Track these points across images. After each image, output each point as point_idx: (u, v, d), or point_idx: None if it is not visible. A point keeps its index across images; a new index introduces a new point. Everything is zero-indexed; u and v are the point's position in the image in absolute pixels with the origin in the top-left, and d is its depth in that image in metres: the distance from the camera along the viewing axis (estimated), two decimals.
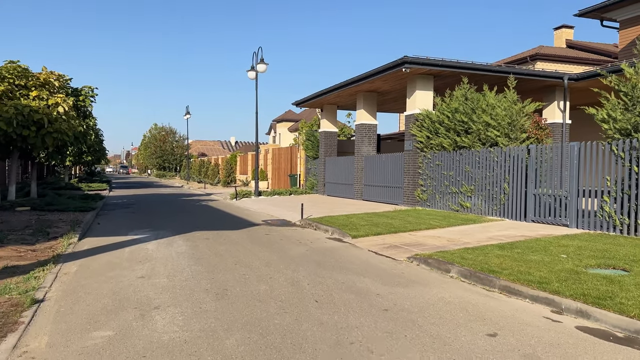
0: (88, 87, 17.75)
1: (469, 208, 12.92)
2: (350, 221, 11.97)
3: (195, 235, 10.40)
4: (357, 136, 18.97)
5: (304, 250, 8.64)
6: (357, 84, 16.91)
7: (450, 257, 7.47)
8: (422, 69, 14.13)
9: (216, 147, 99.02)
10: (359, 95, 18.78)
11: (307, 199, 20.19)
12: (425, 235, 9.97)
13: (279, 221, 13.29)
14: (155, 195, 25.52)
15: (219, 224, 12.46)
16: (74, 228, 10.53)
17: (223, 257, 7.91)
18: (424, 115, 14.61)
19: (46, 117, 12.60)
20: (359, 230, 10.54)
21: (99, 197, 19.01)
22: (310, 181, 23.93)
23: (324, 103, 21.95)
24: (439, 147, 14.11)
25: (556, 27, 34.60)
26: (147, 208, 17.21)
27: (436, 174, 14.28)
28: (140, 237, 10.09)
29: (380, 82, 16.52)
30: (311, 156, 23.81)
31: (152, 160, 64.70)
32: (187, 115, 43.62)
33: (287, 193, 22.77)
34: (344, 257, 8.07)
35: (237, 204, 19.46)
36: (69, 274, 6.63)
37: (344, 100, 20.90)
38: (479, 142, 12.61)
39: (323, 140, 22.31)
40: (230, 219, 13.75)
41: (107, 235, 10.26)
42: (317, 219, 12.72)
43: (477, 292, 5.94)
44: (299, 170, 25.83)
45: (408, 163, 15.39)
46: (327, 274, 6.72)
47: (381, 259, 7.90)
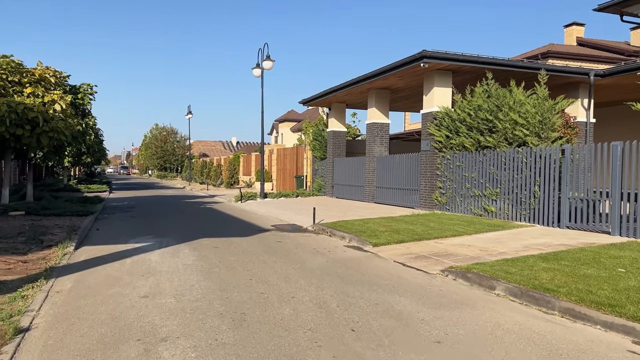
0: (87, 84, 16.92)
1: (494, 213, 12.08)
2: (367, 227, 11.13)
3: (203, 243, 9.56)
4: (368, 136, 18.13)
5: (323, 261, 7.81)
6: (370, 80, 16.07)
7: (491, 270, 6.64)
8: (441, 64, 13.30)
9: (217, 147, 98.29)
10: (371, 92, 17.94)
11: (316, 202, 19.34)
12: (454, 244, 9.13)
13: (289, 226, 12.46)
14: (157, 197, 24.69)
15: (227, 230, 11.63)
16: (70, 235, 9.71)
17: (235, 270, 7.07)
18: (443, 113, 13.77)
19: (41, 115, 11.77)
20: (379, 238, 9.71)
21: (98, 200, 18.18)
22: (318, 183, 23.09)
23: (332, 101, 21.11)
24: (460, 147, 13.27)
25: (566, 25, 33.73)
26: (149, 211, 16.38)
27: (456, 175, 13.44)
28: (142, 245, 9.26)
29: (395, 79, 15.69)
30: (318, 157, 22.97)
31: (153, 161, 63.85)
32: (189, 114, 42.80)
33: (294, 195, 21.93)
34: (369, 270, 7.23)
35: (243, 206, 18.63)
36: (62, 293, 5.80)
37: (354, 99, 20.06)
38: (505, 142, 11.76)
39: (331, 140, 21.47)
40: (237, 224, 12.91)
41: (106, 244, 9.42)
42: (331, 224, 11.89)
43: (535, 316, 5.10)
44: (306, 172, 24.99)
45: (425, 164, 14.55)
46: (356, 292, 5.88)
47: (412, 273, 7.06)
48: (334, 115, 21.48)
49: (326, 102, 21.46)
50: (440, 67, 13.78)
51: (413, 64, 13.42)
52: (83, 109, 17.03)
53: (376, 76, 15.58)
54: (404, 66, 13.85)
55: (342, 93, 18.76)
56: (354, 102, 20.88)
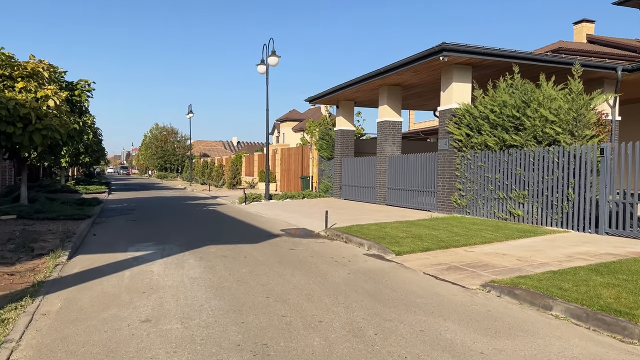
0: (84, 80, 16.07)
1: (521, 217, 11.23)
2: (385, 232, 10.30)
3: (209, 250, 8.72)
4: (380, 135, 17.29)
5: (345, 274, 6.97)
6: (383, 76, 15.22)
7: (541, 286, 5.80)
8: (461, 57, 12.46)
9: (218, 147, 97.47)
10: (382, 89, 17.09)
11: (324, 204, 18.50)
12: (486, 252, 8.29)
13: (300, 231, 11.62)
14: (158, 198, 23.84)
15: (234, 235, 10.79)
16: (64, 242, 8.86)
17: (249, 285, 6.23)
18: (463, 110, 12.93)
19: (34, 112, 10.92)
20: (401, 245, 8.87)
21: (96, 202, 17.34)
22: (324, 183, 22.24)
23: (340, 99, 20.27)
24: (482, 146, 12.43)
25: (576, 22, 32.89)
26: (149, 214, 15.53)
27: (478, 176, 12.60)
28: (142, 254, 8.42)
29: (410, 74, 14.84)
30: (325, 156, 22.12)
31: (153, 161, 62.96)
32: (190, 114, 41.96)
33: (300, 196, 21.09)
34: (399, 284, 6.39)
35: (248, 209, 17.79)
36: (50, 315, 4.96)
37: (364, 96, 19.21)
38: (534, 141, 10.92)
39: (339, 140, 20.62)
40: (244, 228, 12.07)
41: (103, 252, 8.58)
42: (344, 228, 11.05)
43: (613, 346, 4.27)
44: (311, 172, 24.14)
45: (443, 164, 13.71)
46: (393, 314, 5.04)
47: (448, 288, 6.22)
48: (341, 113, 20.63)
49: (333, 100, 20.62)
50: (460, 61, 12.94)
51: (431, 58, 12.59)
52: (80, 107, 16.18)
53: (390, 71, 14.74)
54: (421, 60, 13.01)
55: (352, 90, 17.92)
56: (363, 99, 20.04)
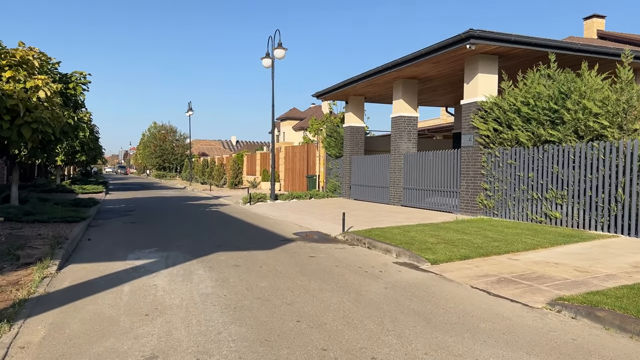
0: (79, 72, 15.02)
1: (558, 219, 10.23)
2: (411, 237, 9.29)
3: (219, 258, 7.70)
4: (394, 131, 16.27)
5: (381, 288, 5.96)
6: (399, 68, 14.21)
7: (625, 305, 4.80)
8: (490, 46, 11.45)
9: (217, 146, 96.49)
10: (397, 82, 16.08)
11: (334, 204, 17.49)
12: (534, 261, 7.29)
13: (315, 235, 10.61)
14: (157, 199, 22.79)
15: (244, 240, 9.77)
16: (54, 249, 7.83)
17: (272, 303, 5.22)
18: (490, 103, 11.92)
19: (22, 103, 9.89)
20: (435, 252, 7.87)
21: (92, 203, 16.29)
22: (332, 183, 21.22)
23: (349, 94, 19.25)
24: (512, 142, 11.43)
25: (586, 17, 31.91)
26: (149, 216, 14.49)
27: (507, 175, 11.59)
28: (144, 262, 7.39)
29: (429, 66, 13.83)
30: (333, 155, 21.10)
31: (152, 160, 61.83)
32: (190, 112, 40.89)
33: (307, 197, 20.07)
34: (449, 302, 5.38)
35: (254, 209, 16.77)
36: (29, 350, 3.93)
37: (376, 90, 18.20)
38: (574, 135, 9.92)
39: (348, 137, 19.60)
40: (254, 232, 11.05)
41: (98, 260, 7.55)
42: (364, 232, 10.05)
43: None
44: (318, 171, 23.12)
45: (467, 162, 12.70)
46: (460, 347, 4.03)
47: (509, 307, 5.21)
48: (351, 109, 19.61)
49: (342, 95, 19.60)
50: (486, 51, 11.94)
51: (456, 46, 11.58)
52: (75, 101, 15.13)
53: (407, 62, 13.73)
54: (445, 49, 12.00)
55: (363, 84, 16.91)
56: (375, 94, 19.02)
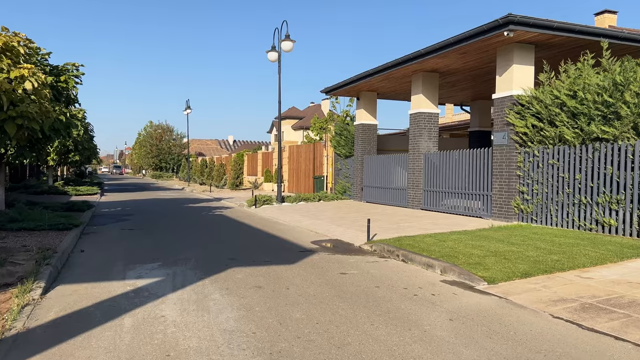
0: (71, 64, 13.73)
1: (613, 227, 9.07)
2: (450, 247, 8.13)
3: (236, 276, 6.50)
4: (413, 128, 15.10)
5: (445, 320, 4.78)
6: (421, 59, 13.04)
7: None
8: (529, 33, 10.30)
9: (214, 146, 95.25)
10: (417, 76, 14.90)
11: (346, 208, 16.30)
12: (612, 280, 6.12)
13: (336, 244, 9.43)
14: (156, 201, 21.53)
15: (258, 250, 8.57)
16: (40, 265, 6.60)
17: (318, 346, 4.02)
18: (529, 96, 10.77)
19: (5, 95, 8.65)
20: (487, 268, 6.72)
21: (86, 206, 15.03)
22: (341, 184, 20.02)
23: (362, 89, 18.06)
24: (554, 140, 10.27)
25: (597, 13, 30.83)
26: (149, 221, 13.26)
27: (549, 176, 10.44)
28: (147, 283, 6.18)
29: (455, 57, 12.66)
30: (343, 154, 19.90)
31: (148, 160, 60.43)
32: (188, 110, 39.59)
33: (315, 199, 18.86)
34: (537, 341, 4.20)
35: (260, 213, 15.56)
36: None
37: (391, 86, 17.02)
38: (633, 132, 8.77)
39: (360, 135, 18.42)
40: (267, 240, 9.85)
41: (92, 280, 6.34)
42: (393, 241, 8.88)
43: None
44: (326, 171, 21.92)
45: (500, 162, 11.54)
46: None
47: (619, 349, 4.03)
48: (363, 105, 18.42)
49: (354, 91, 18.41)
50: (523, 39, 10.79)
51: (492, 33, 10.42)
52: (67, 95, 13.86)
53: (432, 53, 12.55)
54: (477, 37, 10.84)
55: (379, 78, 15.73)
56: (389, 90, 17.84)
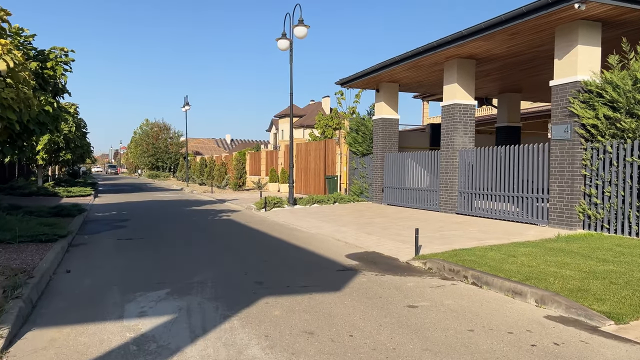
0: (59, 48, 12.01)
1: None
2: (527, 265, 6.51)
3: (273, 313, 4.82)
4: (447, 122, 13.44)
5: None
6: (460, 42, 11.38)
7: None
8: (604, 6, 8.67)
9: (211, 145, 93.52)
10: (451, 63, 13.24)
11: (368, 211, 14.64)
12: None
13: (376, 258, 7.78)
14: (154, 203, 19.79)
15: (286, 268, 6.91)
16: (7, 297, 4.91)
17: None
18: (601, 82, 9.13)
19: None
20: (600, 298, 5.16)
21: (77, 210, 13.29)
22: (357, 185, 18.35)
23: (382, 80, 16.40)
24: (635, 134, 8.65)
25: None
26: (149, 228, 11.56)
27: (626, 177, 8.80)
28: (153, 326, 4.49)
29: (502, 38, 11.00)
30: (359, 152, 18.23)
31: (144, 159, 58.54)
32: (186, 106, 37.81)
33: (330, 201, 17.19)
34: None
35: (273, 217, 13.88)
36: None
37: (417, 75, 15.35)
38: None
39: (380, 131, 16.75)
40: (292, 253, 8.17)
41: (78, 321, 4.65)
42: (449, 256, 7.26)
43: None
44: (339, 171, 20.24)
45: (560, 159, 9.89)
46: None
47: None
48: (383, 98, 16.76)
49: (372, 82, 16.74)
50: (589, 15, 9.16)
51: (557, 7, 8.77)
52: (55, 84, 12.14)
53: (475, 34, 10.90)
54: (537, 12, 9.19)
55: (405, 66, 14.06)
56: (414, 80, 16.18)
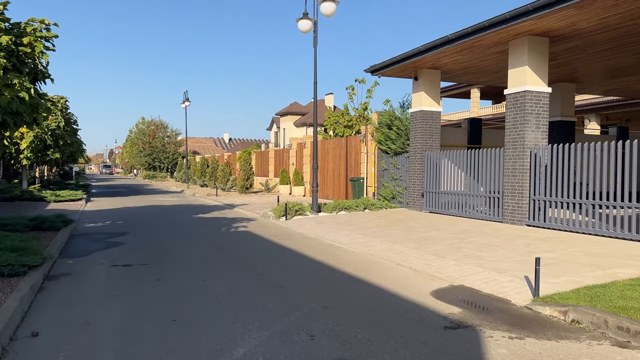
0: (39, 20, 9.57)
1: None
2: None
3: None
4: (514, 114, 11.10)
5: None
6: (541, 12, 9.05)
7: None
8: None
9: (208, 144, 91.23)
10: (519, 42, 10.89)
11: (412, 221, 12.29)
12: None
13: (478, 300, 5.47)
14: (155, 209, 17.35)
15: (365, 325, 4.54)
16: None
17: None
18: None
19: None
20: None
21: (62, 221, 10.85)
22: (389, 189, 15.98)
23: (422, 66, 14.06)
24: None
25: None
26: (153, 246, 9.15)
27: None
28: None
29: (603, 5, 8.66)
30: (391, 151, 15.86)
31: (140, 159, 55.91)
32: (186, 102, 35.33)
33: (359, 207, 14.82)
34: None
35: (300, 229, 11.52)
36: None
37: (468, 60, 12.99)
38: None
39: (419, 126, 14.40)
40: (357, 293, 5.81)
41: None
42: (589, 298, 4.96)
43: None
44: (365, 172, 17.85)
45: None
46: None
47: None
48: (423, 87, 14.39)
49: (411, 69, 14.38)
50: None
51: None
52: (34, 66, 9.70)
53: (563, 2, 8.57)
54: None
55: (455, 48, 11.73)
56: (463, 65, 13.79)
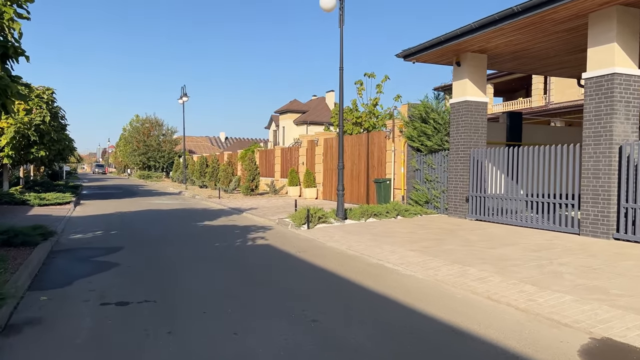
0: None
1: None
2: None
3: None
4: (595, 103, 9.13)
5: None
6: None
7: None
8: None
9: (204, 143, 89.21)
10: (603, 15, 8.90)
11: (461, 231, 10.30)
12: None
13: None
14: (154, 214, 15.25)
15: None
16: None
17: None
18: None
19: None
20: None
21: (41, 234, 8.76)
22: (422, 192, 13.97)
23: (466, 50, 12.08)
24: None
25: None
26: (156, 267, 7.09)
27: None
28: None
29: None
30: (425, 149, 13.84)
31: (134, 158, 53.67)
32: (184, 98, 33.21)
33: (390, 214, 12.81)
34: None
35: (330, 242, 9.49)
36: None
37: (526, 41, 11.01)
38: None
39: (462, 119, 12.42)
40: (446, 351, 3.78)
41: None
42: None
43: None
44: (392, 173, 15.81)
45: None
46: None
47: None
48: (467, 74, 12.39)
49: (451, 52, 12.39)
50: None
51: None
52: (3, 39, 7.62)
53: None
54: None
55: (517, 24, 9.76)
56: (515, 48, 11.81)
